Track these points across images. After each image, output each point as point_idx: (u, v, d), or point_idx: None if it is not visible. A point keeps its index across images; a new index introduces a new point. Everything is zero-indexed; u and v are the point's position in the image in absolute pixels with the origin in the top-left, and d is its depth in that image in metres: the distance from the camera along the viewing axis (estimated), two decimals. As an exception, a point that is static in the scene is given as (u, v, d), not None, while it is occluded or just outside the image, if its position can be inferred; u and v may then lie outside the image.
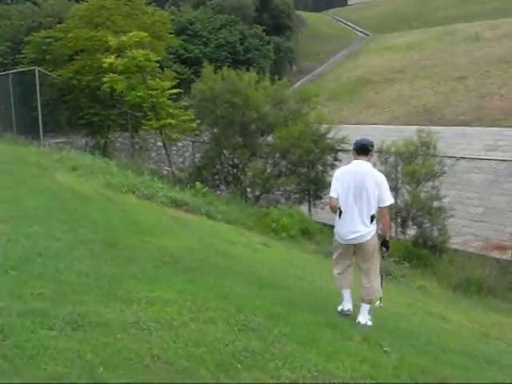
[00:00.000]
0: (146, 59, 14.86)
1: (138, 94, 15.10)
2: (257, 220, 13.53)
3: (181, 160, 24.42)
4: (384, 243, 6.15)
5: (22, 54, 20.68)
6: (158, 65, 15.84)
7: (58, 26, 19.93)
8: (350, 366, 4.42)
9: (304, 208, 17.35)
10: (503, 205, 18.82)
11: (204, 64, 17.66)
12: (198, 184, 14.85)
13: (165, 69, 17.91)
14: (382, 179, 6.03)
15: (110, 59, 15.24)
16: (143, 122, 16.44)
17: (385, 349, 5.07)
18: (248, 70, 18.29)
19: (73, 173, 13.09)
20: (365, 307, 6.08)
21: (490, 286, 11.73)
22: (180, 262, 6.84)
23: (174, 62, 29.57)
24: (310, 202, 17.48)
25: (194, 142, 19.85)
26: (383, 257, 6.33)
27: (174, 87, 15.36)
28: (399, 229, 13.90)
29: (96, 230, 7.66)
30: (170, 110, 14.86)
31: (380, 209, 5.96)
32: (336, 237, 6.12)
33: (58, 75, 18.81)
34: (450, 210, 13.76)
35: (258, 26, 36.52)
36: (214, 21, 33.83)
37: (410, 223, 13.87)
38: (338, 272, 6.22)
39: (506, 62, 32.18)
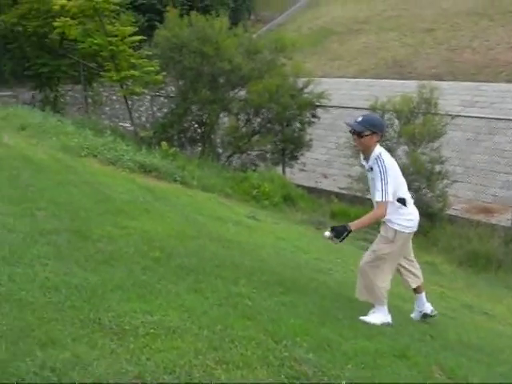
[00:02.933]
0: (104, 0, 12.82)
1: (95, 41, 13.09)
2: (235, 186, 11.97)
3: (136, 115, 22.46)
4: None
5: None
6: (118, 7, 13.83)
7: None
8: None
9: (278, 169, 15.84)
10: (484, 164, 17.74)
11: (168, 8, 15.63)
12: (163, 144, 13.14)
13: (120, 14, 15.80)
14: None
15: (62, 1, 13.14)
16: (100, 73, 14.46)
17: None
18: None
19: (21, 133, 11.23)
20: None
21: (498, 259, 10.58)
22: (174, 257, 5.27)
23: (127, 9, 27.20)
24: (284, 162, 15.94)
25: (153, 97, 17.95)
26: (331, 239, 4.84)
27: (134, 34, 13.39)
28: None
29: (59, 213, 5.98)
30: (132, 60, 12.95)
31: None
32: (407, 228, 4.90)
33: (1, 20, 16.49)
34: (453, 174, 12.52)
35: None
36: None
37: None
38: (388, 282, 4.96)
39: (476, 13, 30.94)
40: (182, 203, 8.64)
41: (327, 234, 4.72)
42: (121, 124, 19.70)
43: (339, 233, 4.65)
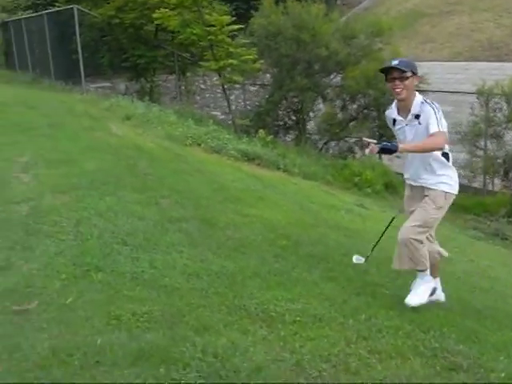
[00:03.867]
0: (202, -9, 12.94)
1: (194, 31, 13.23)
2: (335, 173, 11.83)
3: (225, 104, 22.64)
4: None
5: (57, -10, 18.81)
6: (212, -2, 13.93)
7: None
8: None
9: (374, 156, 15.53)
10: None
11: (262, -5, 15.58)
12: (261, 132, 13.13)
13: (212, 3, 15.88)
14: None
15: (162, -7, 13.37)
16: (199, 63, 14.56)
17: None
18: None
19: (127, 123, 11.52)
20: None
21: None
22: (301, 246, 5.26)
23: (215, -2, 27.40)
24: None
25: (245, 85, 17.94)
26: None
27: (231, 23, 13.41)
28: (504, 182, 12.10)
29: (181, 201, 6.09)
30: (231, 49, 13.00)
31: None
32: (454, 190, 4.36)
33: (99, 14, 16.95)
34: None
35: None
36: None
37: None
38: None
39: None
40: (291, 191, 8.62)
41: (366, 139, 4.23)
42: (212, 113, 19.89)
43: (385, 151, 3.99)
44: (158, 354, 3.03)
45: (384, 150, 3.96)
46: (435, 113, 4.04)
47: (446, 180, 4.28)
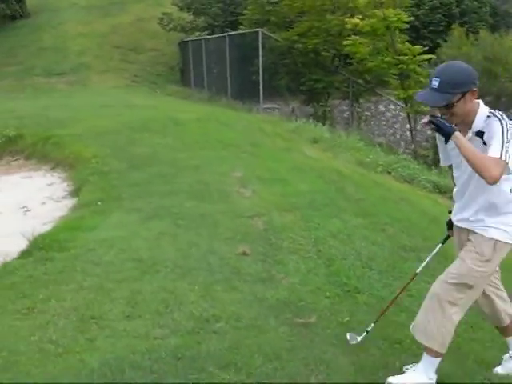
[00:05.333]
0: (397, 19, 13.00)
1: (386, 59, 13.32)
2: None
3: (391, 131, 22.44)
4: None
5: (242, 15, 19.71)
6: (407, 26, 13.89)
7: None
8: None
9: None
10: None
11: (453, 27, 15.38)
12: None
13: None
14: None
15: (355, 20, 13.56)
16: (388, 91, 14.60)
17: None
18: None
19: (315, 146, 11.76)
20: None
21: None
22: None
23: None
24: None
25: (414, 114, 17.70)
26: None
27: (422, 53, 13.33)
28: None
29: (406, 230, 6.10)
30: (421, 79, 12.94)
31: None
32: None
33: (282, 38, 17.55)
34: None
35: (475, -14, 32.88)
36: (429, -20, 30.84)
37: None
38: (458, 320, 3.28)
39: None
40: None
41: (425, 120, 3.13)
42: (377, 140, 19.81)
43: (440, 129, 3.03)
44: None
45: (439, 128, 3.04)
46: (503, 132, 3.04)
47: (499, 223, 3.19)
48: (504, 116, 3.10)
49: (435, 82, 3.08)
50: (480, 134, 3.13)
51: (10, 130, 11.15)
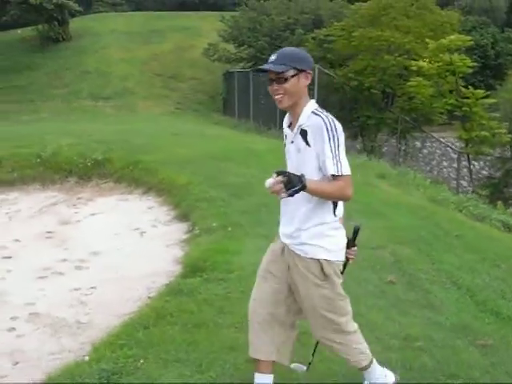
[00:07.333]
0: (463, 64, 13.68)
1: (449, 101, 13.98)
2: None
3: (428, 168, 22.98)
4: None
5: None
6: (470, 71, 14.60)
7: (336, 24, 19.39)
8: None
9: None
10: None
11: (510, 72, 16.07)
12: (499, 204, 13.39)
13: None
14: None
15: (422, 63, 14.25)
16: (434, 128, 15.22)
17: None
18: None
19: (383, 181, 12.27)
20: None
21: None
22: None
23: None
24: None
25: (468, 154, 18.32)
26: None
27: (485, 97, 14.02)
28: None
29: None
30: (483, 122, 13.57)
31: None
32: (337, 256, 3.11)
33: (338, 75, 18.29)
34: None
35: (510, 29, 33.74)
36: (465, 22, 31.68)
37: None
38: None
39: None
40: None
41: (271, 181, 2.71)
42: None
43: (292, 182, 2.71)
44: None
45: (293, 184, 2.72)
46: (329, 137, 2.86)
47: (322, 241, 3.04)
48: (329, 116, 2.95)
49: (273, 57, 3.01)
50: (303, 132, 2.99)
51: (98, 154, 11.75)
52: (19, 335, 4.86)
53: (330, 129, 2.85)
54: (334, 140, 2.83)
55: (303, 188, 2.74)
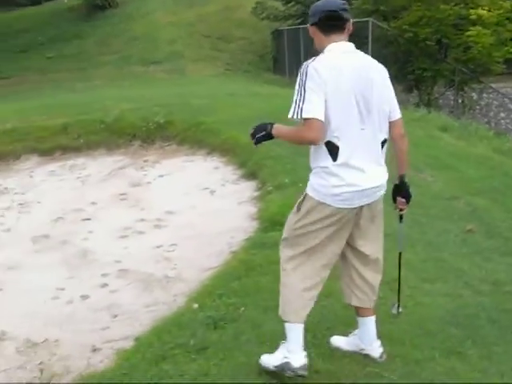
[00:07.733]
0: (523, 10, 13.27)
1: (511, 49, 13.60)
2: None
3: (485, 120, 22.44)
4: (402, 188, 3.22)
5: (350, 5, 20.09)
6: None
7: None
8: None
9: None
10: None
11: None
12: None
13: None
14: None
15: (481, 11, 13.85)
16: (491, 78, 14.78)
17: None
18: None
19: (446, 134, 12.12)
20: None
21: None
22: None
23: None
24: None
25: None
26: (400, 218, 3.33)
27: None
28: None
29: None
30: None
31: (393, 126, 3.13)
32: (322, 203, 2.98)
33: (392, 27, 17.90)
34: None
35: None
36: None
37: None
38: (308, 286, 3.11)
39: None
40: None
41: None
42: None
43: (256, 131, 3.12)
44: None
45: (258, 132, 3.12)
46: (298, 82, 2.88)
47: (317, 179, 3.04)
48: (309, 62, 2.92)
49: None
50: None
51: (160, 117, 11.93)
52: (112, 290, 5.09)
53: (300, 74, 2.89)
54: (300, 85, 2.86)
55: (267, 135, 3.08)
